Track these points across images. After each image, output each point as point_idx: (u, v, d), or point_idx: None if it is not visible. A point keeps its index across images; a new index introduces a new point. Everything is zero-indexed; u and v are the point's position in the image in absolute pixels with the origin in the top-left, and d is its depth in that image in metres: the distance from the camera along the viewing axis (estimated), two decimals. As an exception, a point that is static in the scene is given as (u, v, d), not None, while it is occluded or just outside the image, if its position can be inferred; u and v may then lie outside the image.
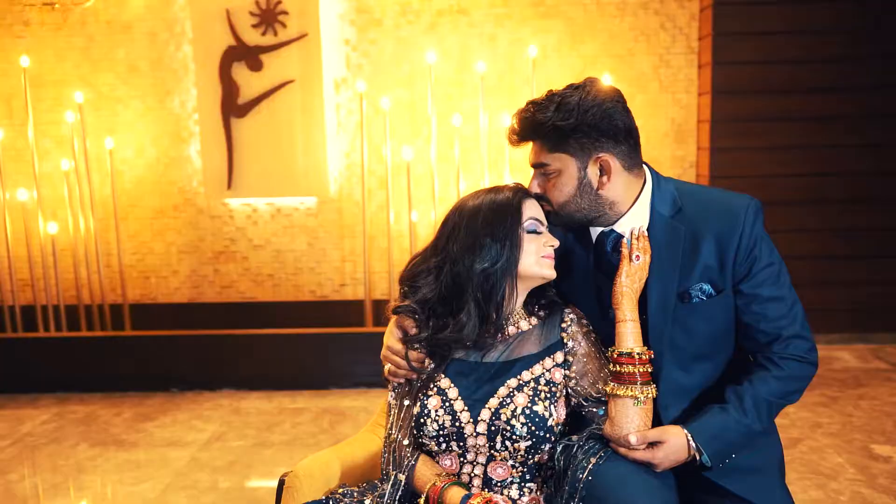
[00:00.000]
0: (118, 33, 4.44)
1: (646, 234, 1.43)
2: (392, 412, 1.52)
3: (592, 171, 1.40)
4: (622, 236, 1.44)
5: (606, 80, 3.91)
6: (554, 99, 1.40)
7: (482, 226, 1.43)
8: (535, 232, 1.45)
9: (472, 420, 1.40)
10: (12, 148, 4.40)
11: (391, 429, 1.51)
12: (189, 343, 3.98)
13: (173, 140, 4.53)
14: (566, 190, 1.42)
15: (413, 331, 1.49)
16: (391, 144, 4.24)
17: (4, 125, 4.41)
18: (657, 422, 1.40)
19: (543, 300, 1.51)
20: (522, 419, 1.37)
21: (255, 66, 4.36)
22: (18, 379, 3.92)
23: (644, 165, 1.49)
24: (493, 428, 1.39)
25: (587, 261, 1.51)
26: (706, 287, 1.40)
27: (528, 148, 1.49)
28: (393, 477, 1.45)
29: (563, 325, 1.48)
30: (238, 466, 2.98)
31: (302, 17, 4.31)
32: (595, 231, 1.49)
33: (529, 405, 1.38)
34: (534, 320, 1.49)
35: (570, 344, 1.46)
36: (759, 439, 1.41)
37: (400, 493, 1.43)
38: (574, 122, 1.36)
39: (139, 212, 4.59)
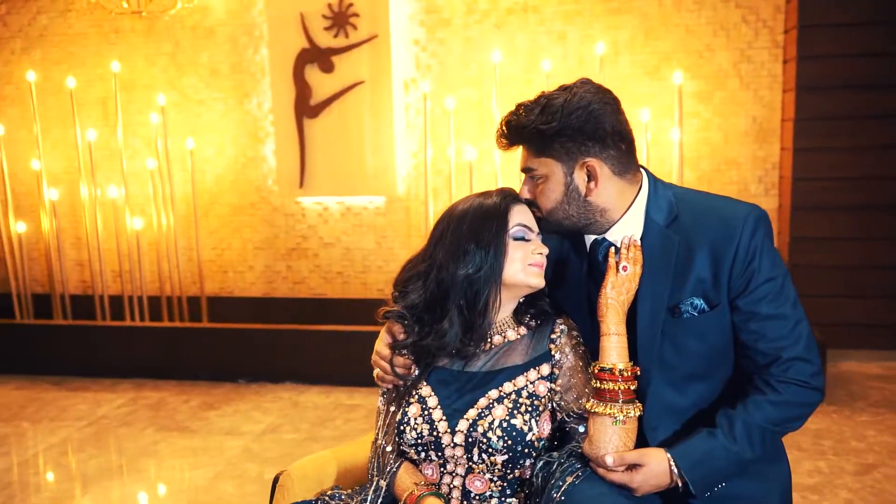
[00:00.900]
0: (202, 38, 4.65)
1: (637, 243, 1.35)
2: (380, 417, 1.51)
3: (579, 177, 1.33)
4: (614, 245, 1.36)
5: (678, 79, 3.81)
6: (540, 101, 1.34)
7: (467, 231, 1.40)
8: (522, 239, 1.40)
9: (449, 430, 1.37)
10: (106, 148, 4.70)
11: (377, 434, 1.50)
12: (257, 336, 4.13)
13: (251, 140, 4.70)
14: (553, 196, 1.36)
15: (401, 336, 1.47)
16: (457, 144, 4.24)
17: (99, 126, 4.71)
18: (643, 444, 1.32)
19: (534, 309, 1.46)
20: (499, 432, 1.33)
21: (327, 67, 4.46)
22: (103, 364, 4.19)
23: (642, 170, 1.40)
24: (470, 439, 1.35)
25: (581, 270, 1.44)
26: (698, 302, 1.30)
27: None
28: (375, 482, 1.44)
29: (553, 336, 1.42)
30: (287, 459, 3.05)
31: (372, 19, 4.37)
32: (589, 239, 1.42)
33: (507, 418, 1.34)
34: (522, 330, 1.44)
35: (557, 356, 1.40)
36: (757, 467, 1.30)
37: (381, 499, 1.42)
38: (557, 126, 1.30)
39: (219, 209, 4.80)
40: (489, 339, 1.42)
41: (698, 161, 4.23)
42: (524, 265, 1.38)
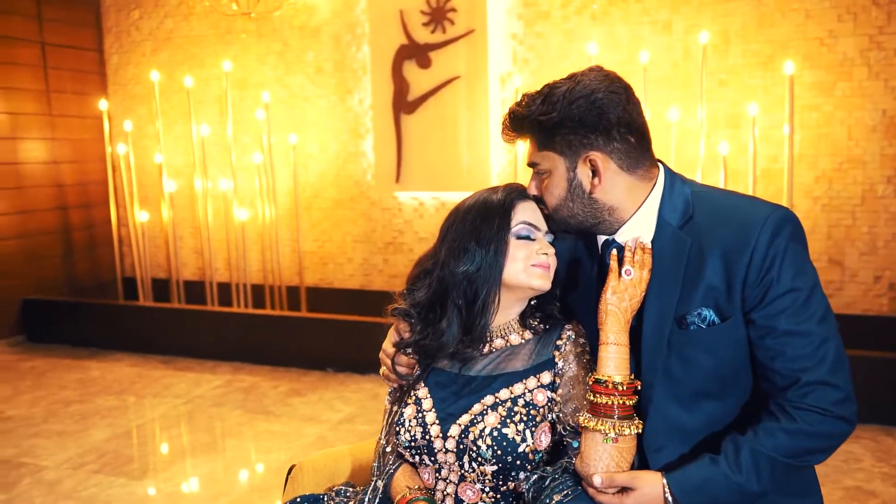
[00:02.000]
0: (308, 37, 4.81)
1: (646, 245, 1.23)
2: (385, 416, 1.48)
3: (583, 172, 1.23)
4: (617, 246, 1.25)
5: (790, 68, 3.50)
6: (543, 90, 1.25)
7: (469, 228, 1.33)
8: (526, 238, 1.31)
9: (441, 435, 1.31)
10: (221, 143, 4.98)
11: (381, 433, 1.47)
12: (349, 327, 4.22)
13: (352, 136, 4.81)
14: (556, 192, 1.26)
15: (405, 335, 1.43)
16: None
17: (214, 123, 5.00)
18: (644, 465, 1.20)
19: (542, 313, 1.37)
20: (489, 441, 1.26)
21: (424, 63, 4.48)
22: (208, 346, 4.44)
23: (659, 165, 1.28)
24: (461, 446, 1.29)
25: (592, 272, 1.33)
26: (707, 313, 1.16)
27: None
28: (373, 483, 1.41)
29: (559, 342, 1.33)
30: (357, 449, 3.10)
31: (470, 14, 4.34)
32: (601, 240, 1.31)
33: (499, 427, 1.26)
34: (528, 335, 1.36)
35: (560, 364, 1.31)
36: (771, 500, 1.15)
37: (378, 499, 1.39)
38: (557, 117, 1.20)
39: (321, 202, 4.95)
40: (490, 342, 1.35)
41: (816, 159, 3.87)
42: (526, 265, 1.30)
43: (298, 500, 1.46)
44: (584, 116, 1.19)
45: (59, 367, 4.32)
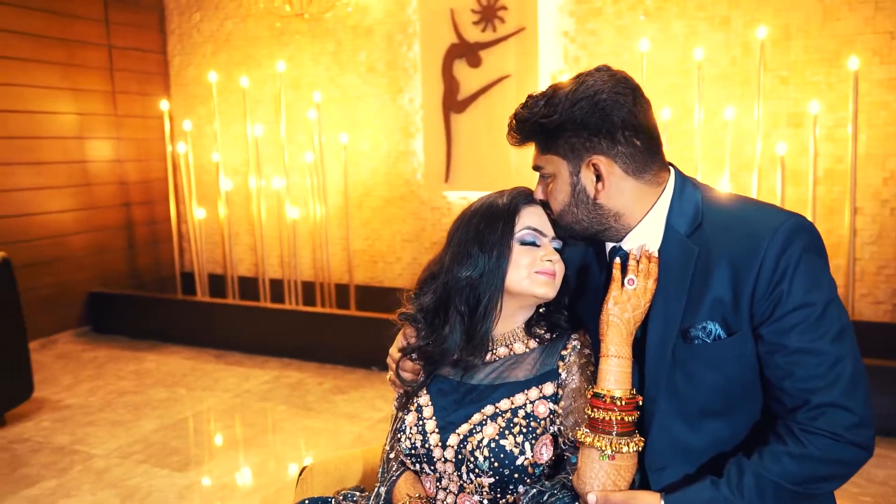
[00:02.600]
0: (361, 37, 4.85)
1: (652, 254, 1.17)
2: (392, 422, 1.46)
3: (586, 177, 1.18)
4: (620, 255, 1.20)
5: (855, 63, 3.32)
6: (548, 92, 1.21)
7: (473, 233, 1.30)
8: (531, 243, 1.27)
9: (440, 444, 1.29)
10: (275, 142, 5.07)
11: (386, 439, 1.45)
12: (395, 326, 4.23)
13: (402, 135, 4.83)
14: (560, 197, 1.22)
15: (412, 340, 1.41)
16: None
17: (269, 122, 5.09)
18: (646, 485, 1.14)
19: (549, 322, 1.32)
20: (486, 452, 1.22)
21: (474, 62, 4.45)
22: (259, 342, 4.53)
23: (670, 169, 1.22)
24: (459, 456, 1.26)
25: (600, 280, 1.28)
26: (712, 327, 1.10)
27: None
28: (376, 489, 1.40)
29: (563, 352, 1.28)
30: (395, 449, 3.10)
31: (520, 12, 4.29)
32: (609, 246, 1.26)
33: (497, 438, 1.23)
34: (533, 344, 1.32)
35: (563, 375, 1.26)
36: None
37: (380, 505, 1.38)
38: (558, 119, 1.16)
39: (372, 201, 4.99)
40: (493, 350, 1.32)
41: (884, 160, 3.66)
42: (530, 272, 1.26)
43: (307, 502, 1.46)
44: (587, 118, 1.14)
45: (118, 357, 4.49)
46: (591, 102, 1.14)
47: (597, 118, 1.14)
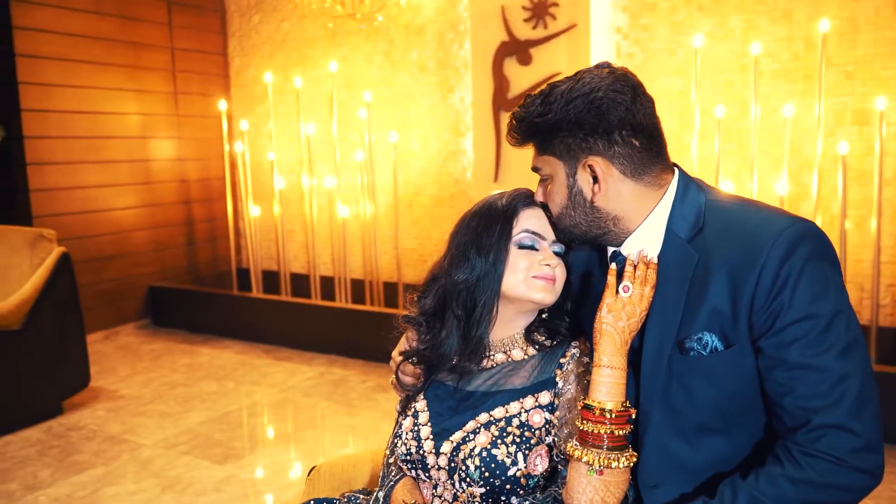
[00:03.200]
0: (413, 36, 4.85)
1: (651, 259, 1.11)
2: (394, 426, 1.44)
3: (583, 178, 1.13)
4: (616, 260, 1.14)
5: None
6: (545, 90, 1.16)
7: (471, 236, 1.27)
8: (529, 247, 1.23)
9: (434, 450, 1.26)
10: (328, 142, 5.13)
11: (388, 443, 1.43)
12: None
13: (452, 133, 4.81)
14: (557, 200, 1.17)
15: (413, 343, 1.39)
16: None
17: (324, 122, 5.16)
18: (639, 503, 1.09)
19: (549, 329, 1.28)
20: (477, 461, 1.19)
21: (525, 59, 4.38)
22: (308, 338, 4.59)
23: (674, 170, 1.15)
24: (452, 464, 1.23)
25: (601, 286, 1.23)
26: (708, 338, 1.03)
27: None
28: (375, 493, 1.38)
29: (562, 360, 1.23)
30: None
31: (572, 8, 4.20)
32: (610, 251, 1.20)
33: (489, 447, 1.19)
34: (532, 350, 1.27)
35: (560, 384, 1.21)
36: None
37: (379, 511, 1.36)
38: (553, 118, 1.11)
39: (422, 200, 4.99)
40: (490, 357, 1.28)
41: (960, 159, 3.42)
42: (527, 277, 1.22)
43: (312, 502, 1.45)
44: (582, 118, 1.09)
45: (174, 350, 4.63)
46: (586, 101, 1.09)
47: (592, 117, 1.09)
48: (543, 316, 1.30)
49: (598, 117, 1.09)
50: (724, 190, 1.19)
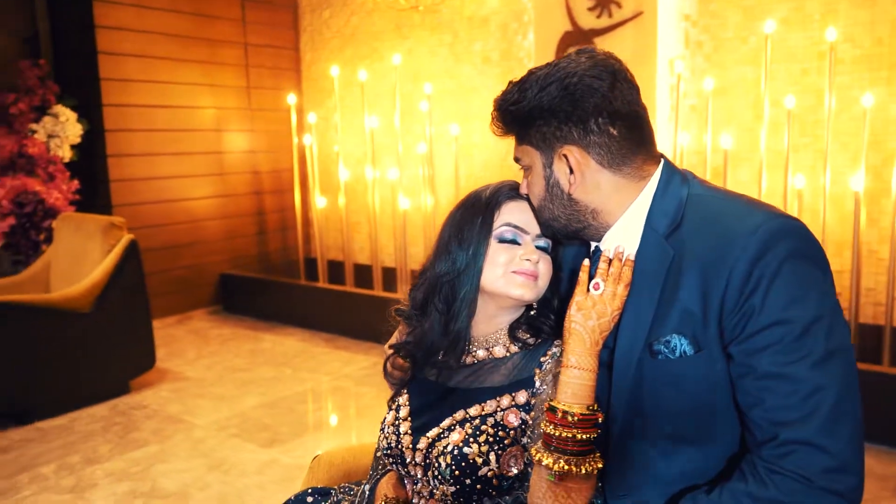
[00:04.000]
0: (476, 28, 4.81)
1: (626, 256, 1.04)
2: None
3: (559, 169, 1.07)
4: (590, 256, 1.08)
5: None
6: (523, 77, 1.11)
7: (455, 228, 1.24)
8: (510, 241, 1.19)
9: (411, 446, 1.24)
10: (392, 134, 5.16)
11: (378, 436, 1.42)
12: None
13: (515, 126, 4.74)
14: (536, 191, 1.12)
15: (403, 336, 1.37)
16: (717, 130, 3.75)
17: (386, 114, 5.19)
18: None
19: (533, 326, 1.23)
20: (449, 459, 1.16)
21: (588, 50, 4.26)
22: (367, 328, 4.64)
23: (660, 161, 1.08)
24: (427, 461, 1.20)
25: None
26: (678, 342, 0.95)
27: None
28: (363, 486, 1.38)
29: (543, 359, 1.18)
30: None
31: (638, -5, 4.05)
32: (593, 246, 1.14)
33: (461, 445, 1.16)
34: (514, 348, 1.23)
35: (537, 384, 1.16)
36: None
37: (365, 503, 1.35)
38: (527, 106, 1.06)
39: (484, 193, 4.94)
40: (472, 352, 1.25)
41: None
42: (506, 271, 1.17)
43: (309, 490, 1.46)
44: (557, 105, 1.04)
45: (240, 336, 4.79)
46: (560, 87, 1.04)
47: (567, 104, 1.03)
48: (532, 313, 1.25)
49: (572, 104, 1.03)
50: (727, 186, 1.10)
